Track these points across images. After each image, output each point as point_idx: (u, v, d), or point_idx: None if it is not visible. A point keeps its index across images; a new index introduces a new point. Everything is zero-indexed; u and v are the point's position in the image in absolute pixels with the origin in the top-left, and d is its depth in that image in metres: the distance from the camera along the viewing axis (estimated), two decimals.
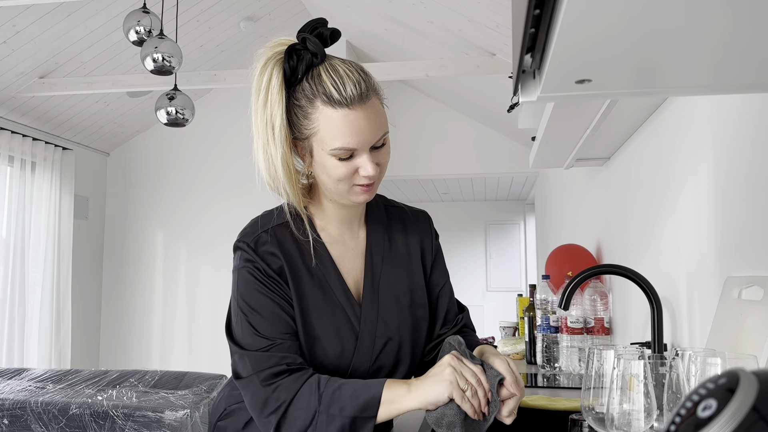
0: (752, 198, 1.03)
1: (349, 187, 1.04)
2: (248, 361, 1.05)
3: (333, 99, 0.99)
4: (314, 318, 1.08)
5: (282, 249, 1.08)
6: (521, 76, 0.73)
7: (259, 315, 1.06)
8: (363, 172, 1.03)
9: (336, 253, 1.13)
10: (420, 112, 5.89)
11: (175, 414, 2.51)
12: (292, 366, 1.04)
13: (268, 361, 1.04)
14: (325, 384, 1.02)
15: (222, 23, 4.59)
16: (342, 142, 0.99)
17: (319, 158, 1.03)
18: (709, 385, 0.39)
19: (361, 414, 0.99)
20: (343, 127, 0.99)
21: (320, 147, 1.01)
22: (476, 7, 3.34)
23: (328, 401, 1.00)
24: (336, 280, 1.11)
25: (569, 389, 1.82)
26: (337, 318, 1.10)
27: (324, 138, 1.00)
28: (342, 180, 1.03)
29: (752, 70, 0.68)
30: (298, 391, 1.02)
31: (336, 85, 0.99)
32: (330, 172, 1.03)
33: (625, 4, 0.51)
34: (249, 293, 1.07)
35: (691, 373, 0.73)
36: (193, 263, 5.60)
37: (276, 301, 1.07)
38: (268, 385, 1.03)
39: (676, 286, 1.44)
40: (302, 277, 1.09)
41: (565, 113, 1.66)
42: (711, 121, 1.22)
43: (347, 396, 1.00)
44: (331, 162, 1.01)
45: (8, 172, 4.64)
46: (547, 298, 2.26)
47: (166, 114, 3.27)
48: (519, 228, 8.49)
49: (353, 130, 0.99)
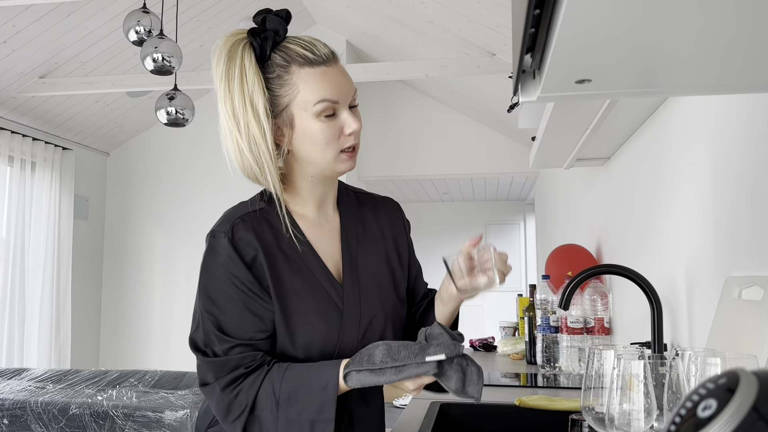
0: (752, 198, 1.03)
1: (336, 153, 1.06)
2: (209, 367, 1.04)
3: (309, 59, 1.03)
4: (296, 303, 1.06)
5: (258, 236, 1.06)
6: (521, 76, 0.73)
7: (224, 312, 1.04)
8: (348, 129, 1.05)
9: (313, 237, 1.12)
10: (420, 112, 5.89)
11: (175, 414, 2.51)
12: (250, 367, 1.03)
13: (227, 366, 1.03)
14: (280, 383, 1.02)
15: (222, 23, 4.59)
16: (324, 94, 1.02)
17: (301, 125, 1.04)
18: (709, 385, 0.39)
19: (319, 416, 1.00)
20: (322, 80, 1.03)
21: (302, 109, 1.03)
22: (476, 7, 3.34)
23: (286, 405, 1.01)
24: (315, 262, 1.10)
25: (569, 389, 1.82)
26: (319, 300, 1.08)
27: (306, 97, 1.02)
28: (329, 143, 1.04)
29: (752, 70, 0.68)
30: (257, 393, 1.02)
31: (308, 47, 1.04)
32: (316, 137, 1.04)
33: (624, 5, 0.51)
34: (216, 289, 1.05)
35: (691, 373, 0.73)
36: (193, 263, 5.60)
37: (244, 299, 1.04)
38: (229, 391, 1.03)
39: (676, 286, 1.44)
40: (279, 263, 1.07)
41: (565, 113, 1.66)
42: (711, 121, 1.22)
43: (303, 398, 1.01)
44: (315, 125, 1.03)
45: (8, 172, 4.64)
46: (547, 298, 2.26)
47: (166, 114, 3.27)
48: (519, 228, 8.49)
49: (333, 83, 1.03)
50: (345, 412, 1.11)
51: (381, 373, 1.00)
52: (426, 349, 1.00)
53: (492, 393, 1.75)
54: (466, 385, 1.00)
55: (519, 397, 1.55)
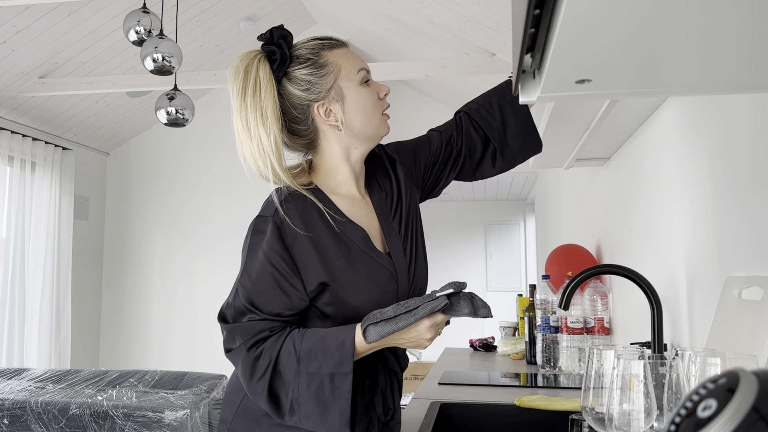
0: (752, 198, 1.03)
1: (380, 116, 1.20)
2: (236, 332, 1.10)
3: (332, 44, 1.18)
4: (346, 271, 1.12)
5: (301, 216, 1.11)
6: (521, 76, 0.73)
7: (257, 287, 1.10)
8: (382, 92, 1.20)
9: (353, 213, 1.18)
10: (420, 112, 5.89)
11: (175, 414, 2.51)
12: (274, 331, 1.10)
13: (252, 329, 1.09)
14: (300, 341, 1.07)
15: (222, 23, 4.59)
16: (360, 64, 1.19)
17: (350, 94, 1.16)
18: (709, 385, 0.39)
19: (338, 370, 1.06)
20: (352, 56, 1.19)
21: (349, 79, 1.16)
22: (476, 7, 3.34)
23: (306, 360, 1.06)
24: (359, 236, 1.15)
25: (569, 389, 1.82)
26: (369, 268, 1.14)
27: (348, 69, 1.17)
28: (375, 106, 1.18)
29: (752, 70, 0.68)
30: (279, 351, 1.07)
31: (324, 38, 1.19)
32: (366, 101, 1.17)
33: (624, 5, 0.51)
34: (254, 267, 1.10)
35: (691, 373, 0.73)
36: (193, 263, 5.60)
37: (277, 278, 1.09)
38: (254, 351, 1.08)
39: (676, 286, 1.44)
40: (324, 238, 1.12)
41: (565, 113, 1.65)
42: (711, 121, 1.22)
43: (322, 353, 1.07)
44: (362, 91, 1.17)
45: (8, 172, 4.64)
46: (547, 298, 2.26)
47: (166, 114, 3.27)
48: (519, 228, 8.49)
49: (358, 58, 1.20)
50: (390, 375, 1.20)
51: (397, 320, 1.06)
52: (433, 292, 1.09)
53: (492, 393, 1.75)
54: (477, 310, 1.07)
55: (519, 397, 1.55)
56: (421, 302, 1.07)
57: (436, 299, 1.06)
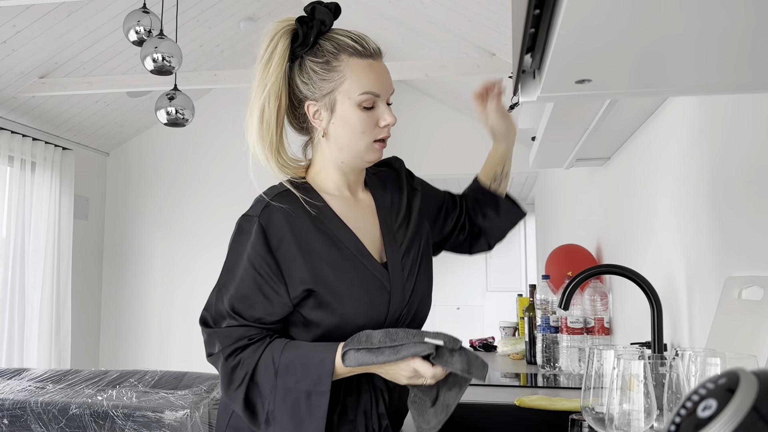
0: (752, 198, 1.03)
1: (369, 143, 1.11)
2: (216, 337, 1.08)
3: (358, 51, 1.10)
4: (335, 274, 1.08)
5: (288, 218, 1.08)
6: (521, 76, 0.73)
7: (239, 290, 1.07)
8: (383, 122, 1.11)
9: (347, 215, 1.15)
10: (420, 112, 5.89)
11: (175, 414, 2.51)
12: (253, 339, 1.07)
13: (232, 336, 1.07)
14: (280, 354, 1.05)
15: (222, 23, 4.59)
16: (369, 87, 1.09)
17: (341, 112, 1.09)
18: (709, 385, 0.39)
19: (315, 388, 1.03)
20: (369, 73, 1.10)
21: (346, 97, 1.09)
22: (476, 7, 3.34)
23: (284, 374, 1.04)
24: (349, 239, 1.12)
25: (569, 389, 1.82)
26: (359, 273, 1.10)
27: (351, 86, 1.08)
28: (365, 132, 1.10)
29: (752, 70, 0.68)
30: (258, 362, 1.05)
31: (358, 40, 1.11)
32: (354, 125, 1.09)
33: (624, 5, 0.51)
34: (237, 269, 1.08)
35: (691, 373, 0.73)
36: (193, 263, 5.60)
37: (259, 282, 1.06)
38: (232, 359, 1.06)
39: (676, 286, 1.43)
40: (313, 239, 1.09)
41: (565, 113, 1.65)
42: (711, 121, 1.22)
43: (301, 369, 1.03)
44: (355, 114, 1.09)
45: (8, 172, 4.64)
46: (547, 298, 2.26)
47: (166, 114, 3.27)
48: (519, 228, 8.49)
49: (378, 78, 1.10)
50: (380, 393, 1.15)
51: (379, 352, 1.02)
52: (425, 334, 1.02)
53: (492, 393, 1.75)
54: (470, 368, 1.01)
55: (519, 397, 1.55)
56: (409, 340, 1.01)
57: (423, 344, 1.00)
